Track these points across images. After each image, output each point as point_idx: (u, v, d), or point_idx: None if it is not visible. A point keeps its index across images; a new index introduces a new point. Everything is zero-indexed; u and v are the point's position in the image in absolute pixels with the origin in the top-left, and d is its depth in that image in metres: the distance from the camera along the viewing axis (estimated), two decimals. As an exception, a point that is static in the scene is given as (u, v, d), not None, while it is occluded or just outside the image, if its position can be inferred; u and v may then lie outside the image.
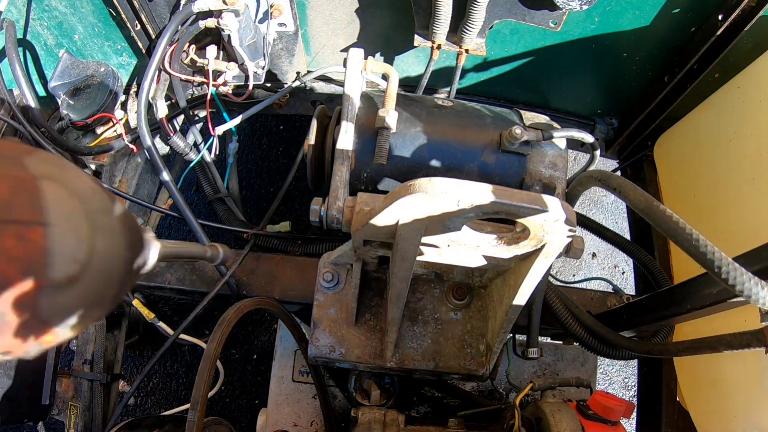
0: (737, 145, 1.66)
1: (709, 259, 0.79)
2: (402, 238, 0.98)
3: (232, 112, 1.93)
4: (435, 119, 1.37)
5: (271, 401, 1.83)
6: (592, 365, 1.97)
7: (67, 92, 1.73)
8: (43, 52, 1.70)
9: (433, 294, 1.44)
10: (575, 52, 1.95)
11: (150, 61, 1.63)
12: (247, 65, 1.75)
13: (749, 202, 1.58)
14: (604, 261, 3.49)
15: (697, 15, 1.72)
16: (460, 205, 0.86)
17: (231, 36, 1.62)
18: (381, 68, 1.42)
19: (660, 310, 1.36)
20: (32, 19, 1.62)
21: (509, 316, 1.20)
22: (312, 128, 1.39)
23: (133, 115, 1.92)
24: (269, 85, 2.18)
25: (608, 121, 2.32)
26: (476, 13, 1.66)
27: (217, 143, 1.89)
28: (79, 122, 1.72)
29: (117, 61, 1.96)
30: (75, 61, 1.75)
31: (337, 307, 1.41)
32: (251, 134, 3.41)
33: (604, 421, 1.33)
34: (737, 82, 1.70)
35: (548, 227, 0.91)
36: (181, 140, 1.83)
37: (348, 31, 2.03)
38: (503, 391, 1.88)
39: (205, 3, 1.56)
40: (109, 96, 1.73)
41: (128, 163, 1.93)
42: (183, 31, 1.69)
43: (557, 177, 1.35)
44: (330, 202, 1.22)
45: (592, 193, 3.62)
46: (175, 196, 1.67)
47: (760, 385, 1.46)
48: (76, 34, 1.78)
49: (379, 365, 1.38)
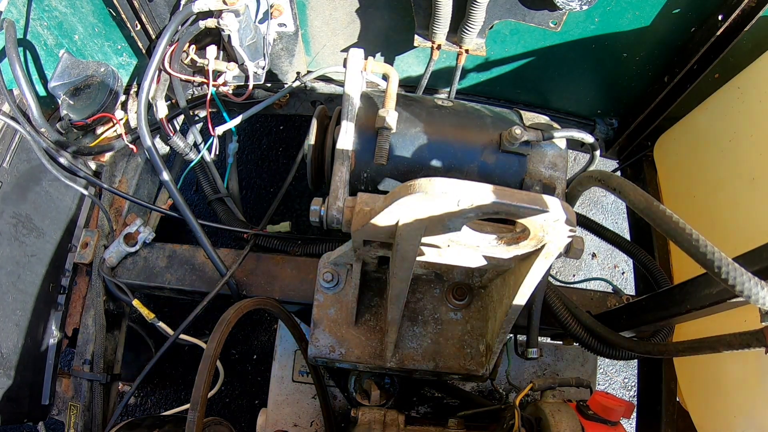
0: (737, 145, 1.66)
1: (709, 259, 0.79)
2: (402, 238, 0.98)
3: (232, 112, 1.93)
4: (435, 119, 1.37)
5: (271, 401, 1.83)
6: (592, 365, 1.97)
7: (67, 92, 1.72)
8: (43, 52, 1.70)
9: (433, 294, 1.44)
10: (575, 52, 1.95)
11: (150, 61, 1.63)
12: (247, 65, 1.75)
13: (749, 202, 1.57)
14: (604, 261, 3.49)
15: (697, 15, 1.72)
16: (460, 205, 0.86)
17: (231, 36, 1.62)
18: (381, 68, 1.42)
19: (660, 311, 1.35)
20: (32, 19, 1.62)
21: (509, 316, 1.20)
22: (312, 128, 1.39)
23: (133, 115, 1.92)
24: (269, 85, 2.18)
25: (608, 121, 2.32)
26: (476, 13, 1.66)
27: (217, 143, 1.89)
28: (79, 122, 1.72)
29: (117, 61, 1.96)
30: (75, 61, 1.75)
31: (337, 307, 1.41)
32: (251, 134, 3.41)
33: (604, 421, 1.33)
34: (737, 82, 1.70)
35: (548, 227, 0.91)
36: (181, 140, 1.83)
37: (348, 31, 2.03)
38: (503, 391, 1.88)
39: (205, 3, 1.56)
40: (109, 96, 1.73)
41: (128, 163, 1.93)
42: (183, 31, 1.69)
43: (557, 177, 1.35)
44: (330, 202, 1.22)
45: (592, 193, 3.62)
46: (175, 196, 1.67)
47: (760, 385, 1.46)
48: (76, 34, 1.78)
49: (379, 365, 1.38)
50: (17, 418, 1.62)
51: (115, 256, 1.74)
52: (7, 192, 1.58)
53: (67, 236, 1.82)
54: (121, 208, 1.87)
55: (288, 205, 3.19)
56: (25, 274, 1.64)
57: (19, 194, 1.62)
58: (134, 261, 1.77)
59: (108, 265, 1.73)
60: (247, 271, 1.76)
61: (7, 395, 1.56)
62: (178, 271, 1.76)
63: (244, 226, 1.87)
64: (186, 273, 1.76)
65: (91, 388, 1.69)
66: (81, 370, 1.71)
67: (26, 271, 1.65)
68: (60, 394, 1.77)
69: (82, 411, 1.68)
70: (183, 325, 1.64)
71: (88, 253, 1.75)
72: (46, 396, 1.73)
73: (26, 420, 1.67)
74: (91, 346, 1.72)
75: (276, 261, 1.77)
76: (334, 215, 1.19)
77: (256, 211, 3.23)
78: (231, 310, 1.28)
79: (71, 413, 1.69)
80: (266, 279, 1.75)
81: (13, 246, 1.59)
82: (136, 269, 1.77)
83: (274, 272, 1.76)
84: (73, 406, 1.70)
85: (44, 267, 1.72)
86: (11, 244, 1.59)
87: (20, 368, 1.62)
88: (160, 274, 1.76)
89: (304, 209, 3.16)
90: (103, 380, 1.69)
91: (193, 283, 1.75)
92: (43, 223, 1.71)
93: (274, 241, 1.82)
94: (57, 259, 1.77)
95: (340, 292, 1.41)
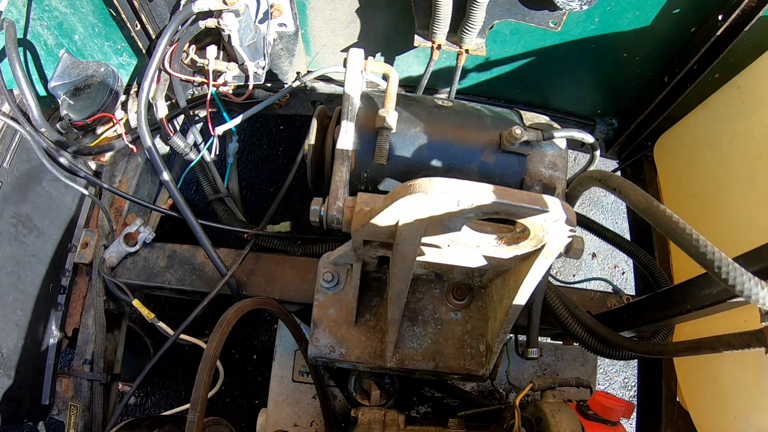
0: (737, 145, 1.66)
1: (709, 259, 0.79)
2: (402, 239, 0.98)
3: (232, 112, 1.93)
4: (435, 119, 1.37)
5: (271, 401, 1.83)
6: (592, 365, 1.96)
7: (67, 92, 1.72)
8: (43, 52, 1.70)
9: (433, 294, 1.44)
10: (575, 52, 1.95)
11: (150, 61, 1.63)
12: (247, 65, 1.75)
13: (749, 202, 1.57)
14: (604, 261, 3.49)
15: (697, 15, 1.72)
16: (460, 205, 0.86)
17: (231, 36, 1.62)
18: (381, 68, 1.42)
19: (660, 311, 1.36)
20: (32, 19, 1.62)
21: (509, 316, 1.20)
22: (312, 128, 1.39)
23: (133, 115, 1.92)
24: (269, 85, 2.18)
25: (608, 121, 2.32)
26: (476, 13, 1.66)
27: (217, 143, 1.88)
28: (79, 122, 1.72)
29: (117, 61, 1.96)
30: (75, 61, 1.75)
31: (337, 307, 1.41)
32: (251, 134, 3.41)
33: (604, 421, 1.33)
34: (737, 82, 1.70)
35: (548, 227, 0.91)
36: (181, 140, 1.82)
37: (348, 31, 2.03)
38: (503, 391, 1.88)
39: (205, 3, 1.56)
40: (109, 96, 1.73)
41: (128, 163, 1.93)
42: (183, 31, 1.69)
43: (557, 177, 1.35)
44: (330, 202, 1.22)
45: (592, 193, 3.62)
46: (175, 196, 1.67)
47: (760, 385, 1.46)
48: (76, 34, 1.78)
49: (379, 365, 1.38)
50: (17, 418, 1.62)
51: (115, 256, 1.74)
52: (7, 192, 1.58)
53: (67, 236, 1.82)
54: (121, 208, 1.87)
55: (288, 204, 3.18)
56: (25, 274, 1.64)
57: (19, 194, 1.62)
58: (134, 261, 1.77)
59: (108, 265, 1.73)
60: (247, 271, 1.76)
61: (7, 395, 1.56)
62: (178, 271, 1.76)
63: (244, 226, 1.87)
64: (186, 273, 1.76)
65: (91, 388, 1.69)
66: (81, 370, 1.71)
67: (26, 271, 1.65)
68: (60, 394, 1.77)
69: (82, 411, 1.68)
70: (183, 325, 1.64)
71: (88, 253, 1.75)
72: (46, 396, 1.73)
73: (26, 420, 1.67)
74: (91, 346, 1.72)
75: (276, 261, 1.77)
76: (334, 215, 1.20)
77: (256, 211, 3.22)
78: (231, 310, 1.28)
79: (71, 413, 1.69)
80: (266, 279, 1.75)
81: (13, 246, 1.59)
82: (136, 269, 1.77)
83: (274, 272, 1.76)
84: (73, 406, 1.70)
85: (44, 267, 1.72)
86: (11, 244, 1.59)
87: (20, 368, 1.61)
88: (160, 274, 1.76)
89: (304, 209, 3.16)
90: (103, 380, 1.69)
91: (193, 283, 1.75)
92: (43, 223, 1.71)
93: (274, 241, 1.82)
94: (57, 259, 1.77)
95: (341, 292, 1.41)
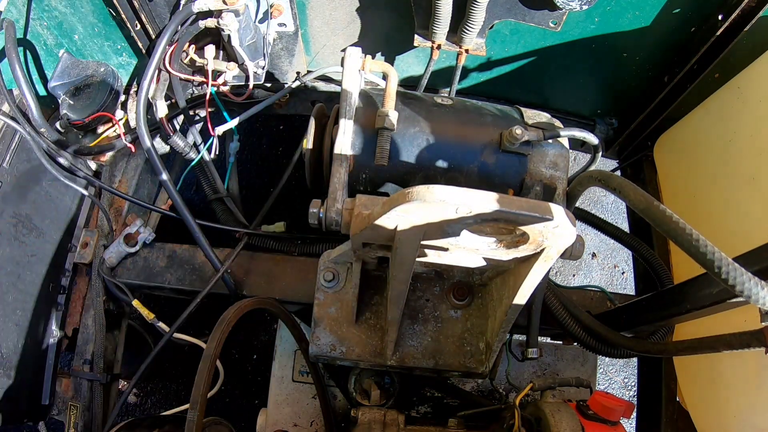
0: (737, 144, 1.66)
1: (709, 259, 0.79)
2: (401, 243, 0.98)
3: (232, 112, 1.92)
4: (435, 118, 1.36)
5: (271, 401, 1.83)
6: (592, 365, 1.96)
7: (67, 92, 1.72)
8: (43, 52, 1.70)
9: (433, 292, 1.44)
10: (575, 52, 1.95)
11: (150, 61, 1.63)
12: (247, 65, 1.74)
13: (749, 202, 1.57)
14: (604, 261, 3.49)
15: (697, 15, 1.72)
16: (458, 213, 0.86)
17: (231, 36, 1.62)
18: (380, 67, 1.41)
19: (660, 310, 1.36)
20: (32, 19, 1.61)
21: (509, 315, 1.20)
22: (310, 128, 1.38)
23: (133, 115, 1.91)
24: (269, 85, 2.18)
25: (608, 121, 2.32)
26: (476, 13, 1.66)
27: (217, 143, 1.88)
28: (79, 122, 1.71)
29: (117, 61, 1.96)
30: (75, 61, 1.75)
31: (337, 306, 1.40)
32: (251, 134, 3.41)
33: (604, 421, 1.33)
34: (737, 82, 1.70)
35: (548, 233, 0.91)
36: (181, 140, 1.82)
37: (348, 31, 2.02)
38: (503, 391, 1.88)
39: (205, 3, 1.56)
40: (109, 96, 1.73)
41: (128, 163, 1.93)
42: (183, 31, 1.69)
43: (558, 177, 1.35)
44: (329, 204, 1.22)
45: (592, 193, 3.61)
46: (174, 196, 1.67)
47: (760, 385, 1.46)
48: (76, 34, 1.78)
49: (379, 363, 1.38)
50: (17, 418, 1.62)
51: (115, 256, 1.74)
52: (7, 192, 1.58)
53: (67, 236, 1.82)
54: (121, 208, 1.87)
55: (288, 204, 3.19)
56: (25, 274, 1.64)
57: (19, 194, 1.62)
58: (134, 261, 1.77)
59: (108, 265, 1.73)
60: (246, 270, 1.75)
61: (7, 395, 1.56)
62: (177, 271, 1.76)
63: (241, 225, 1.87)
64: (186, 273, 1.76)
65: (91, 388, 1.69)
66: (81, 370, 1.71)
67: (26, 271, 1.65)
68: (60, 394, 1.77)
69: (82, 411, 1.68)
70: (178, 322, 1.64)
71: (88, 253, 1.75)
72: (46, 396, 1.73)
73: (26, 420, 1.67)
74: (91, 346, 1.72)
75: (275, 261, 1.77)
76: (333, 217, 1.19)
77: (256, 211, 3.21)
78: (231, 310, 1.28)
79: (71, 413, 1.69)
80: (266, 279, 1.75)
81: (13, 246, 1.59)
82: (136, 269, 1.77)
83: (273, 272, 1.76)
84: (73, 406, 1.70)
85: (44, 267, 1.72)
86: (11, 244, 1.59)
87: (20, 368, 1.61)
88: (160, 274, 1.76)
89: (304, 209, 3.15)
90: (103, 380, 1.69)
91: (193, 283, 1.75)
92: (43, 223, 1.71)
93: (269, 241, 1.82)
94: (57, 259, 1.77)
95: (341, 290, 1.41)
